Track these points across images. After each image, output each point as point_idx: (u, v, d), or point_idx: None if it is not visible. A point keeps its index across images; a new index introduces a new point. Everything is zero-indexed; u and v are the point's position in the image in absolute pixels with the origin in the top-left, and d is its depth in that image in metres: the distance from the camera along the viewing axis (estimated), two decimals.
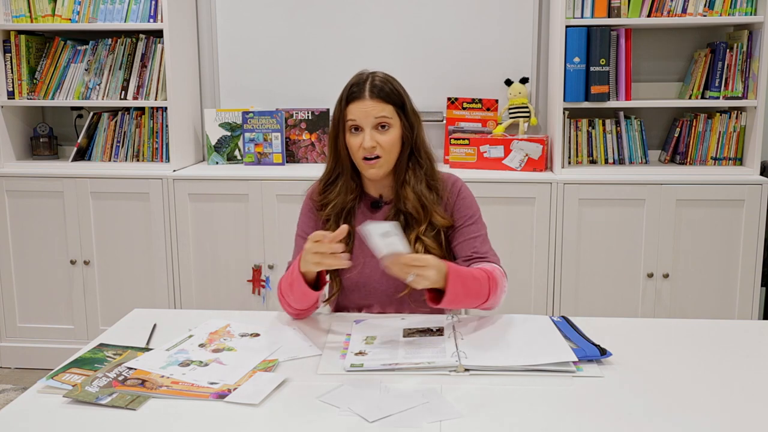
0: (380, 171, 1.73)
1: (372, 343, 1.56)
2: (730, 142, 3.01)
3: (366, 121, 1.70)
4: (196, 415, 1.27)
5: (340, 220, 1.78)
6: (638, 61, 3.13)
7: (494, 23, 3.22)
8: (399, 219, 1.76)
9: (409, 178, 1.75)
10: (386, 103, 1.71)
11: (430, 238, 1.74)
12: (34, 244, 3.15)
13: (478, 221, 1.79)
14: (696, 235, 2.88)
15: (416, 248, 1.72)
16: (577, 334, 1.58)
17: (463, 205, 1.78)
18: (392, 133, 1.72)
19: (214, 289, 3.07)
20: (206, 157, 3.31)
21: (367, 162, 1.71)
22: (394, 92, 1.72)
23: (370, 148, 1.69)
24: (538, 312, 2.93)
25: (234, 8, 3.32)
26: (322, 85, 3.28)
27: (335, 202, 1.78)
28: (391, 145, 1.71)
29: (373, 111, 1.69)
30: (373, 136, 1.69)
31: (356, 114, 1.70)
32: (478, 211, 1.80)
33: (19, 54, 3.17)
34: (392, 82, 1.75)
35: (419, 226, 1.74)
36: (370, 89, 1.70)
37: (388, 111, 1.71)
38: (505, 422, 1.24)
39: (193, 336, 1.61)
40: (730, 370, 1.44)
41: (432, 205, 1.74)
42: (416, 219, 1.74)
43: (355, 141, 1.71)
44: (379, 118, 1.70)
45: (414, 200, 1.74)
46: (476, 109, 3.18)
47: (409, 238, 1.73)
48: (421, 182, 1.75)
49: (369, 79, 1.72)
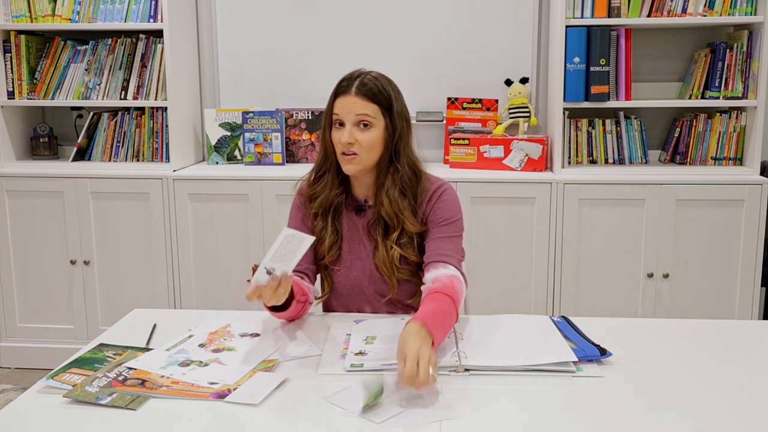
0: (356, 168, 1.71)
1: (372, 343, 1.56)
2: (730, 142, 3.01)
3: (348, 117, 1.69)
4: (196, 415, 1.27)
5: (328, 217, 1.78)
6: (638, 61, 3.13)
7: (494, 23, 3.22)
8: (380, 223, 1.75)
9: (386, 183, 1.74)
10: (371, 102, 1.69)
11: (405, 244, 1.73)
12: (34, 244, 3.15)
13: (453, 224, 1.74)
14: (696, 235, 2.88)
15: (392, 254, 1.72)
16: (577, 334, 1.58)
17: (441, 207, 1.75)
18: (372, 133, 1.70)
19: (214, 289, 3.07)
20: (206, 157, 3.31)
21: (345, 156, 1.70)
22: (381, 92, 1.70)
23: (347, 144, 1.68)
24: (538, 312, 2.93)
25: (234, 8, 3.32)
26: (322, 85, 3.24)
27: (322, 197, 1.78)
28: (369, 144, 1.69)
29: (355, 107, 1.68)
30: (353, 133, 1.68)
31: (340, 109, 1.70)
32: (456, 216, 1.76)
33: (19, 54, 3.17)
34: (383, 82, 1.73)
35: (393, 233, 1.73)
36: (357, 86, 1.69)
37: (371, 110, 1.69)
38: (505, 422, 1.24)
39: (193, 336, 1.61)
40: (730, 370, 1.44)
41: (402, 212, 1.72)
42: (391, 225, 1.74)
43: (336, 135, 1.71)
44: (361, 116, 1.68)
45: (388, 206, 1.72)
46: (476, 109, 3.18)
47: (387, 243, 1.73)
48: (395, 188, 1.73)
49: (359, 76, 1.72)
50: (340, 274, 1.80)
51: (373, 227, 1.77)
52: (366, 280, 1.78)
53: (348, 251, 1.79)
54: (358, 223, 1.79)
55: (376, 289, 1.79)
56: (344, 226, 1.80)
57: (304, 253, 1.49)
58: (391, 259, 1.73)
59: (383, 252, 1.74)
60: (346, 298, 1.83)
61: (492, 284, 2.93)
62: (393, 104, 1.72)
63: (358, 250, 1.79)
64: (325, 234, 1.78)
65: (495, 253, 2.92)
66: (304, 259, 1.76)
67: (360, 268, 1.78)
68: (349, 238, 1.79)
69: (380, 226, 1.75)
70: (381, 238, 1.75)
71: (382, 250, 1.74)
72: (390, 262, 1.73)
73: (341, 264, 1.79)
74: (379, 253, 1.74)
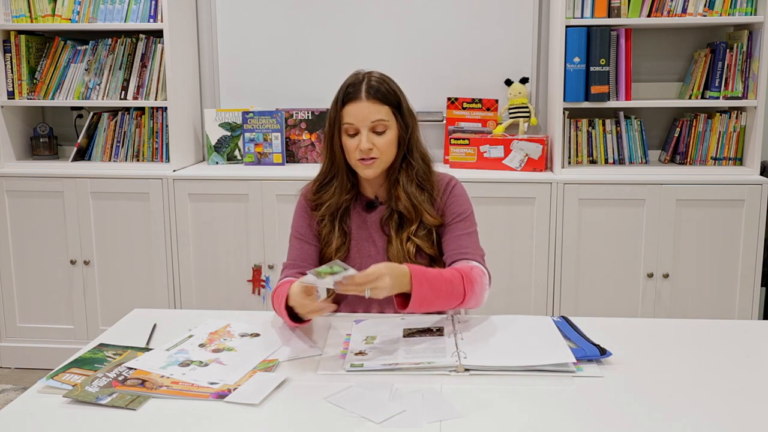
0: (376, 171, 1.73)
1: (372, 343, 1.56)
2: (730, 142, 3.01)
3: (363, 123, 1.69)
4: (196, 415, 1.27)
5: (335, 220, 1.78)
6: (638, 61, 3.13)
7: (494, 23, 3.22)
8: (393, 218, 1.76)
9: (401, 179, 1.75)
10: (383, 104, 1.70)
11: (422, 237, 1.75)
12: (34, 244, 3.15)
13: (468, 219, 1.77)
14: (696, 235, 2.88)
15: (407, 247, 1.73)
16: (577, 334, 1.58)
17: (455, 202, 1.77)
18: (388, 135, 1.71)
19: (214, 289, 3.07)
20: (206, 157, 3.31)
21: (363, 162, 1.71)
22: (390, 93, 1.72)
23: (367, 150, 1.69)
24: (538, 312, 2.93)
25: (234, 8, 3.32)
26: (322, 85, 3.28)
27: (330, 203, 1.77)
28: (387, 147, 1.71)
29: (369, 113, 1.69)
30: (370, 138, 1.69)
31: (353, 116, 1.69)
32: (469, 209, 1.79)
33: (19, 54, 3.17)
34: (388, 82, 1.74)
35: (411, 226, 1.74)
36: (366, 90, 1.70)
37: (384, 113, 1.70)
38: (505, 422, 1.24)
39: (193, 336, 1.61)
40: (730, 370, 1.44)
41: (422, 205, 1.74)
42: (408, 219, 1.75)
43: (351, 143, 1.71)
44: (376, 122, 1.69)
45: (405, 200, 1.74)
46: (476, 109, 3.18)
47: (401, 237, 1.74)
48: (412, 182, 1.75)
49: (365, 79, 1.72)
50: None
51: (386, 223, 1.77)
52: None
53: (357, 250, 1.79)
54: (368, 220, 1.79)
55: None
56: (352, 226, 1.80)
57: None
58: (406, 253, 1.73)
59: (397, 245, 1.74)
60: (353, 297, 1.82)
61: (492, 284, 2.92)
62: (401, 102, 1.74)
63: (368, 248, 1.79)
64: (332, 237, 1.78)
65: (495, 253, 2.91)
66: (310, 261, 1.78)
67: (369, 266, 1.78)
68: (357, 236, 1.79)
69: (393, 221, 1.76)
70: (395, 232, 1.75)
71: (396, 243, 1.75)
72: (405, 256, 1.73)
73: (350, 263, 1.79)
74: (393, 247, 1.75)
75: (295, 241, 1.83)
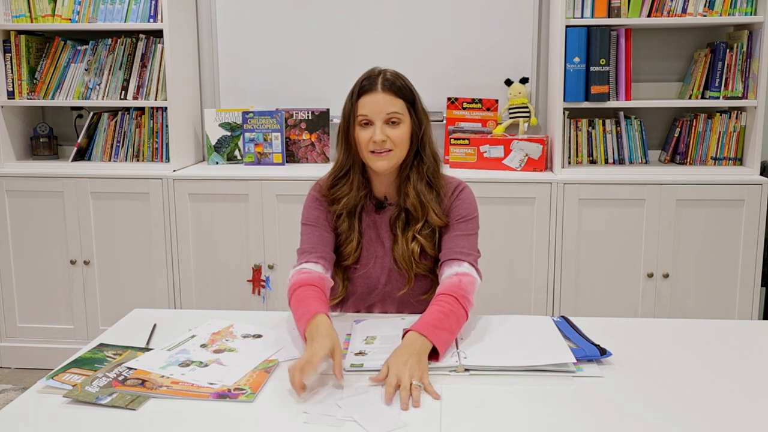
0: (389, 163, 1.71)
1: (372, 343, 1.56)
2: (730, 142, 3.01)
3: (377, 115, 1.68)
4: (196, 415, 1.27)
5: (353, 219, 1.77)
6: (638, 61, 3.13)
7: (494, 23, 3.22)
8: (400, 218, 1.76)
9: (411, 176, 1.75)
10: (397, 97, 1.70)
11: (426, 236, 1.74)
12: (34, 244, 3.15)
13: (470, 222, 1.77)
14: (696, 235, 2.88)
15: (412, 247, 1.73)
16: (577, 334, 1.58)
17: (460, 205, 1.77)
18: (402, 129, 1.71)
19: (214, 289, 3.07)
20: (206, 157, 3.31)
21: (376, 154, 1.70)
22: (405, 88, 1.72)
23: (381, 141, 1.68)
24: (538, 312, 2.93)
25: (234, 8, 3.32)
26: (322, 85, 3.28)
27: (348, 197, 1.75)
28: (401, 140, 1.70)
29: (384, 105, 1.68)
30: (384, 130, 1.68)
31: (368, 107, 1.69)
32: (473, 214, 1.78)
33: (19, 54, 3.16)
34: (403, 78, 1.75)
35: (416, 224, 1.74)
36: (382, 83, 1.70)
37: (399, 106, 1.70)
38: (505, 422, 1.24)
39: (195, 336, 1.61)
40: (730, 370, 1.44)
41: (430, 203, 1.74)
42: (414, 216, 1.75)
43: (364, 134, 1.70)
44: (390, 114, 1.69)
45: (414, 197, 1.74)
46: (476, 109, 3.18)
47: (407, 236, 1.74)
48: (422, 180, 1.75)
49: (381, 74, 1.72)
50: (359, 275, 1.79)
51: (394, 223, 1.77)
52: (384, 278, 1.78)
53: (367, 251, 1.79)
54: (378, 221, 1.79)
55: (391, 287, 1.79)
56: (364, 226, 1.79)
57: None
58: (410, 253, 1.73)
59: (402, 245, 1.74)
60: (358, 297, 1.83)
61: (492, 284, 2.92)
62: (416, 99, 1.75)
63: (376, 248, 1.79)
64: (352, 235, 1.76)
65: (495, 253, 2.91)
66: (323, 245, 1.74)
67: (379, 266, 1.78)
68: (368, 237, 1.79)
69: (401, 220, 1.75)
70: (401, 231, 1.75)
71: (401, 243, 1.74)
72: (409, 255, 1.73)
73: (360, 263, 1.79)
74: (398, 246, 1.74)
75: (307, 228, 1.78)
